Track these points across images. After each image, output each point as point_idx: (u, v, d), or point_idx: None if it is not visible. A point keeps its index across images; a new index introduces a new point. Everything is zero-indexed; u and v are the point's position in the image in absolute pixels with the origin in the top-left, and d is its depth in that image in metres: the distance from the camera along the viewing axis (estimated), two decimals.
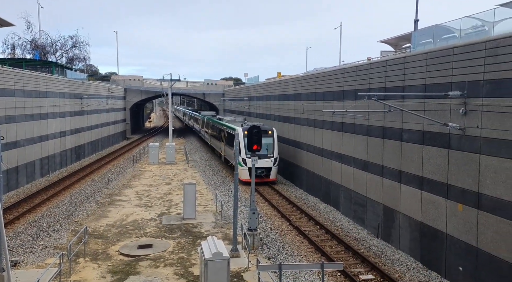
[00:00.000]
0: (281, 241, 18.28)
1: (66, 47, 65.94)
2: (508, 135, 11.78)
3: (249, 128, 17.74)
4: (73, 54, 66.97)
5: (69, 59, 66.89)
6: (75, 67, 61.53)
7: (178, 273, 14.59)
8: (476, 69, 12.96)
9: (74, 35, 70.56)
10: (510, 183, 11.73)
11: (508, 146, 11.76)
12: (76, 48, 66.59)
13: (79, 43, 66.13)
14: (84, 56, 68.33)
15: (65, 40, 65.53)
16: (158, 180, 31.76)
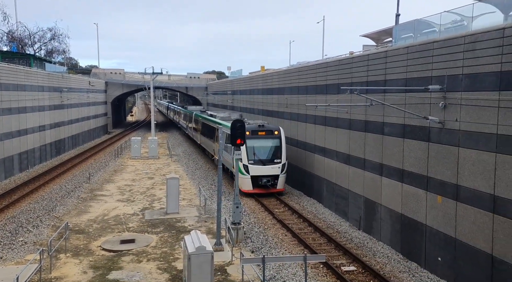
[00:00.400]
0: (265, 234, 18.38)
1: (45, 39, 64.38)
2: (485, 128, 12.05)
3: (233, 122, 17.31)
4: (52, 47, 65.45)
5: (48, 52, 65.38)
6: (54, 60, 60.20)
7: (161, 267, 14.53)
8: (455, 64, 13.19)
9: (53, 27, 68.80)
10: (487, 175, 12.02)
11: (485, 139, 12.04)
12: (55, 41, 65.09)
13: (58, 35, 64.62)
14: (63, 48, 66.86)
15: (44, 32, 63.94)
16: (140, 175, 31.47)
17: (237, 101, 48.03)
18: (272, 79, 33.63)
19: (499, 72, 11.50)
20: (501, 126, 11.53)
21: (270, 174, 24.43)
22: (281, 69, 34.30)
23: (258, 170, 24.25)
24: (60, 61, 66.16)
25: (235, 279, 13.64)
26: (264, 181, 24.35)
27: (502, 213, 11.54)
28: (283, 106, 30.25)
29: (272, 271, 14.38)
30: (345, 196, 20.75)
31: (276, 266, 14.73)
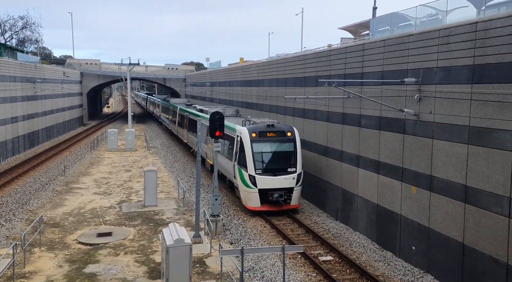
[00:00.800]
0: (244, 226, 18.45)
1: (16, 28, 62.35)
2: (458, 120, 12.37)
3: (212, 114, 17.16)
4: (24, 36, 63.50)
5: (20, 41, 63.37)
6: (27, 50, 58.32)
7: (139, 260, 14.43)
8: (430, 57, 13.44)
9: (24, 15, 66.65)
10: (460, 166, 12.37)
11: (458, 130, 12.36)
12: (27, 30, 63.15)
13: (31, 24, 62.73)
14: (36, 38, 64.98)
15: (15, 20, 61.97)
16: (117, 167, 31.02)
17: (216, 92, 47.74)
18: (251, 71, 33.55)
19: (472, 66, 11.79)
20: (473, 118, 11.86)
21: (282, 186, 19.52)
22: (260, 61, 34.24)
23: (268, 182, 19.42)
24: (32, 50, 64.15)
25: (214, 270, 13.67)
26: (276, 195, 19.35)
27: (473, 203, 11.92)
28: (262, 98, 30.26)
29: (251, 262, 14.47)
30: (323, 187, 21.01)
31: (254, 257, 14.83)
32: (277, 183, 19.46)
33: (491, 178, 11.26)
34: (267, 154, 19.96)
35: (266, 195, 19.42)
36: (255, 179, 19.45)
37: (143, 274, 13.40)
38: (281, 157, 19.96)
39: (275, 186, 19.42)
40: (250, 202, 19.59)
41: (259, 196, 19.41)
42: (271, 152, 20.02)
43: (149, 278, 13.09)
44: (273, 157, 19.95)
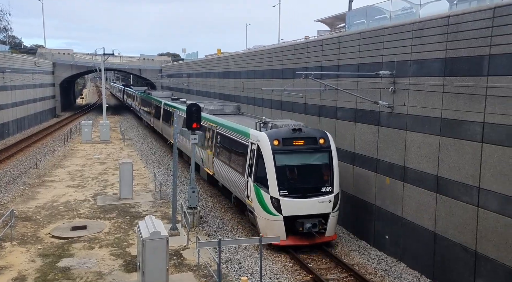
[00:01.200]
0: (221, 218, 18.46)
1: None
2: (430, 112, 12.66)
3: (188, 106, 16.95)
4: None
5: None
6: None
7: (115, 253, 14.26)
8: (404, 50, 13.66)
9: None
10: (432, 157, 12.69)
11: (431, 122, 12.66)
12: None
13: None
14: (5, 26, 62.64)
15: None
16: (92, 160, 30.44)
17: (193, 84, 47.31)
18: (228, 63, 33.35)
19: (444, 59, 12.05)
20: (445, 110, 12.15)
21: (316, 212, 14.65)
22: (238, 52, 34.06)
23: (296, 206, 14.52)
24: (1, 39, 61.86)
25: (191, 262, 13.66)
26: (308, 225, 14.41)
27: (443, 193, 12.27)
28: (239, 90, 30.17)
29: (228, 253, 14.52)
30: None
31: (232, 248, 14.88)
32: (309, 208, 14.60)
33: (461, 169, 11.60)
34: (295, 168, 15.04)
35: (293, 224, 14.55)
36: (279, 203, 14.40)
37: (119, 267, 13.26)
38: (313, 172, 15.10)
39: (306, 211, 14.56)
40: (272, 234, 14.29)
41: (285, 226, 14.49)
42: (300, 165, 15.07)
43: (125, 271, 12.97)
44: (303, 173, 15.05)
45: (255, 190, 14.91)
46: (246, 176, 15.86)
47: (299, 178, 15.07)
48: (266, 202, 14.63)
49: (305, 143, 15.18)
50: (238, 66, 30.61)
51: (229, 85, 32.72)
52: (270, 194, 14.56)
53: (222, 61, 35.34)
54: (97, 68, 50.21)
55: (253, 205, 15.30)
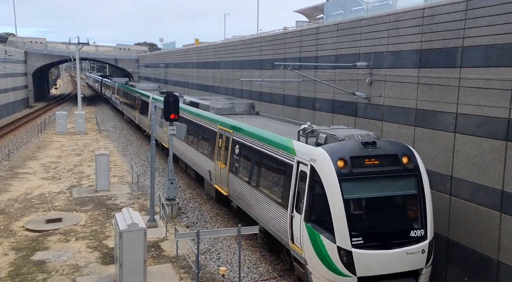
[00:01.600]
0: (200, 209, 18.43)
1: None
2: (405, 103, 12.89)
3: (166, 97, 16.75)
4: None
5: None
6: None
7: (91, 246, 14.08)
8: (380, 41, 13.83)
9: None
10: None
11: (406, 113, 12.90)
12: None
13: None
14: None
15: None
16: (67, 151, 29.82)
17: (170, 74, 46.73)
18: (207, 53, 33.04)
19: (419, 50, 12.26)
20: (419, 101, 12.40)
21: (404, 270, 9.80)
22: (216, 42, 33.78)
23: (377, 261, 9.63)
24: None
25: (170, 254, 13.62)
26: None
27: None
28: (218, 81, 29.98)
29: (207, 244, 14.54)
30: None
31: (211, 239, 14.91)
32: (395, 262, 9.67)
33: (435, 159, 11.89)
34: (372, 203, 10.12)
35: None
36: (351, 257, 9.43)
37: (96, 259, 13.10)
38: (397, 208, 10.36)
39: (391, 269, 9.66)
40: None
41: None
42: (378, 198, 10.10)
43: (102, 264, 12.83)
44: (383, 210, 10.15)
45: (310, 235, 9.99)
46: (290, 209, 11.04)
47: (377, 217, 10.06)
48: (330, 255, 9.56)
49: (382, 164, 10.20)
50: (217, 56, 30.38)
51: (208, 76, 32.47)
52: (337, 243, 9.44)
53: (200, 51, 34.98)
54: (72, 58, 48.94)
55: (304, 255, 10.33)
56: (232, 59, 27.27)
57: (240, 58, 25.92)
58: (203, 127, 19.24)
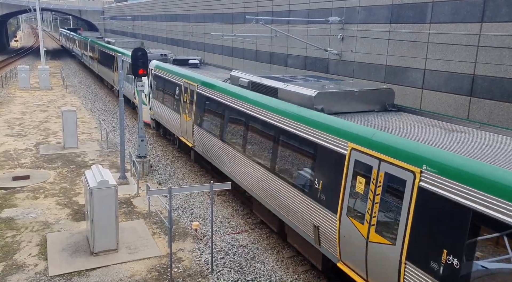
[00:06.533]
0: (172, 166, 18.42)
1: None
2: (376, 60, 12.96)
3: (134, 51, 16.18)
4: None
5: None
6: None
7: (61, 203, 13.96)
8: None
9: None
10: None
11: (376, 69, 13.00)
12: None
13: None
14: None
15: None
16: (31, 107, 28.73)
17: (138, 27, 44.87)
18: (176, 5, 31.71)
19: (391, 5, 12.18)
20: (390, 57, 12.48)
21: None
22: None
23: None
24: None
25: (142, 210, 13.70)
26: None
27: None
28: (188, 35, 29.07)
29: (180, 201, 14.68)
30: None
31: (184, 196, 15.04)
32: None
33: None
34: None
35: None
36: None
37: (66, 216, 13.05)
38: None
39: None
40: None
41: None
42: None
43: (73, 220, 12.80)
44: None
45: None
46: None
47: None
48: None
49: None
50: (187, 9, 29.24)
51: (177, 29, 31.38)
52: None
53: (169, 3, 33.52)
54: (31, 8, 45.98)
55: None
56: (202, 11, 26.34)
57: (211, 11, 25.07)
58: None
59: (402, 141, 6.75)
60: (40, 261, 10.46)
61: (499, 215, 4.97)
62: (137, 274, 10.04)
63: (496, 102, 9.79)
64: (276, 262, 10.79)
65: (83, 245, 11.18)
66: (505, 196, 4.98)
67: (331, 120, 8.50)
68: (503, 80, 9.58)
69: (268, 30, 17.65)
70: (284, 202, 9.73)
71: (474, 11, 9.68)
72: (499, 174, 5.23)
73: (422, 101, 11.33)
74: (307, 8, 15.98)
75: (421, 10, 11.09)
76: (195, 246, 11.50)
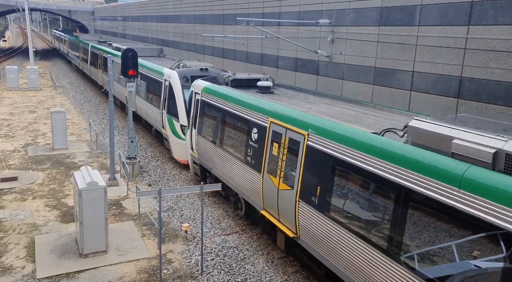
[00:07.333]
0: (163, 168, 18.36)
1: None
2: (365, 62, 13.07)
3: (123, 51, 16.16)
4: None
5: None
6: None
7: (50, 204, 13.84)
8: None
9: None
10: None
11: (365, 72, 13.11)
12: None
13: None
14: None
15: None
16: (20, 108, 28.43)
17: (128, 28, 44.66)
18: (167, 6, 31.64)
19: (380, 8, 12.30)
20: (378, 59, 12.60)
21: None
22: None
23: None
24: None
25: (132, 212, 13.63)
26: None
27: None
28: (179, 36, 29.01)
29: (170, 202, 14.63)
30: None
31: (174, 197, 14.99)
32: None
33: None
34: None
35: None
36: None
37: (55, 218, 12.93)
38: None
39: None
40: None
41: None
42: None
43: (62, 222, 12.69)
44: None
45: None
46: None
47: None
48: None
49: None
50: (177, 10, 29.19)
51: (168, 30, 31.31)
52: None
53: (160, 4, 33.43)
54: (20, 8, 45.51)
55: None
56: (193, 13, 26.32)
57: (202, 11, 25.06)
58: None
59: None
60: (28, 263, 10.35)
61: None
62: (127, 276, 9.98)
63: (482, 104, 9.96)
64: (266, 263, 10.81)
65: (72, 247, 11.09)
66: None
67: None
68: (489, 82, 9.74)
69: (258, 32, 17.70)
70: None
71: (461, 14, 9.82)
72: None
73: (410, 103, 11.46)
74: (297, 10, 16.06)
75: (409, 13, 11.23)
76: (185, 247, 11.47)
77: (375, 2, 12.34)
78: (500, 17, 9.38)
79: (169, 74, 17.26)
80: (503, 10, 9.40)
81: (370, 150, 7.06)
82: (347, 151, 7.55)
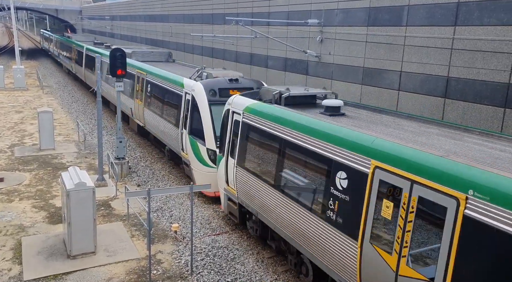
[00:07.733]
0: (152, 168, 18.26)
1: None
2: (354, 62, 13.16)
3: (112, 51, 16.00)
4: None
5: None
6: None
7: (37, 206, 13.66)
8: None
9: None
10: None
11: (354, 71, 13.21)
12: None
13: None
14: None
15: None
16: (6, 108, 28.02)
17: (116, 27, 44.31)
18: (155, 5, 31.47)
19: (368, 8, 12.40)
20: (367, 59, 12.70)
21: None
22: None
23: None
24: None
25: (120, 212, 13.54)
26: None
27: None
28: (168, 35, 28.88)
29: (159, 202, 14.56)
30: None
31: (163, 198, 14.92)
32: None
33: None
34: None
35: None
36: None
37: (43, 219, 12.78)
38: None
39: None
40: None
41: None
42: None
43: (50, 223, 12.55)
44: None
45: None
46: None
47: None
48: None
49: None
50: (166, 9, 29.05)
51: (157, 30, 31.14)
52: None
53: (148, 4, 33.23)
54: (5, 6, 44.87)
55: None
56: (182, 12, 26.23)
57: (191, 11, 24.99)
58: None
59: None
60: (15, 265, 10.21)
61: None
62: (116, 277, 9.91)
63: (469, 103, 10.12)
64: (256, 263, 10.82)
65: (60, 248, 10.97)
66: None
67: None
68: (475, 82, 9.90)
69: (248, 32, 17.72)
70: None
71: (448, 15, 9.95)
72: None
73: (398, 103, 11.57)
74: (286, 10, 16.11)
75: (397, 13, 11.34)
76: (174, 248, 11.43)
77: (364, 3, 12.44)
78: (486, 18, 9.53)
79: (191, 86, 13.96)
80: (488, 11, 9.56)
81: None
82: None
